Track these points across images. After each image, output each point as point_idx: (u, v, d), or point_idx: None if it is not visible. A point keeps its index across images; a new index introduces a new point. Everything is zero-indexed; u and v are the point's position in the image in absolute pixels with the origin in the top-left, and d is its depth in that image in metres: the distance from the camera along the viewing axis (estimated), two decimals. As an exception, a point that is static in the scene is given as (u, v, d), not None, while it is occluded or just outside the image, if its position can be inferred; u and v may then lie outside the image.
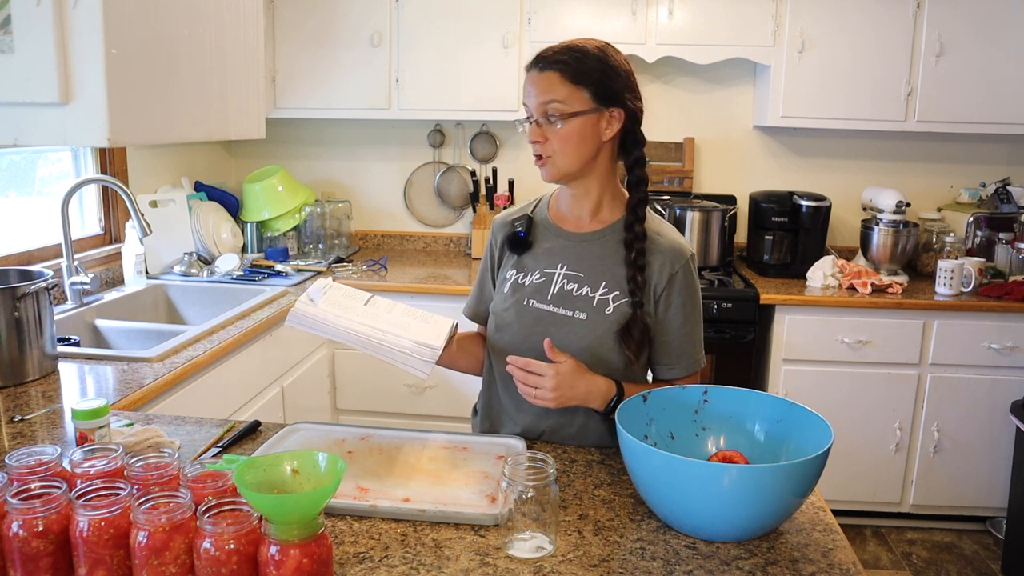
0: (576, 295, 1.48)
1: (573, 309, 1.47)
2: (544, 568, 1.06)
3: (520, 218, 1.58)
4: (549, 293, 1.49)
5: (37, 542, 0.92)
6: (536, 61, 1.44)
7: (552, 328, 1.47)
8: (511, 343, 1.51)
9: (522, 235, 1.54)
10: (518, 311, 1.50)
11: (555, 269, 1.51)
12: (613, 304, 1.46)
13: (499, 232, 1.61)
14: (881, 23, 3.07)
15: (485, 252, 1.65)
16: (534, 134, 1.43)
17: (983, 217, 3.24)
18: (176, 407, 1.91)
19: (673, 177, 3.50)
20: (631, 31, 3.14)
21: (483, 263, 1.65)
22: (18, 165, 2.63)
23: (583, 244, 1.51)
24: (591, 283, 1.48)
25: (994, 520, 3.11)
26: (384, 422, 2.99)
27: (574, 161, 1.44)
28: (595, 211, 1.51)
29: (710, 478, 1.08)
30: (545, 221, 1.57)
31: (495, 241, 1.61)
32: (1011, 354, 2.92)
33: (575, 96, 1.40)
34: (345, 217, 3.58)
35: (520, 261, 1.55)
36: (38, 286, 1.82)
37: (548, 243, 1.54)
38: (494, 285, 1.61)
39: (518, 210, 1.63)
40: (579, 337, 1.45)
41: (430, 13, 3.20)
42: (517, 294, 1.52)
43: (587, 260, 1.50)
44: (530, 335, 1.48)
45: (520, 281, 1.53)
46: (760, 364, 3.07)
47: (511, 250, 1.56)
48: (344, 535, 1.13)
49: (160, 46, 1.72)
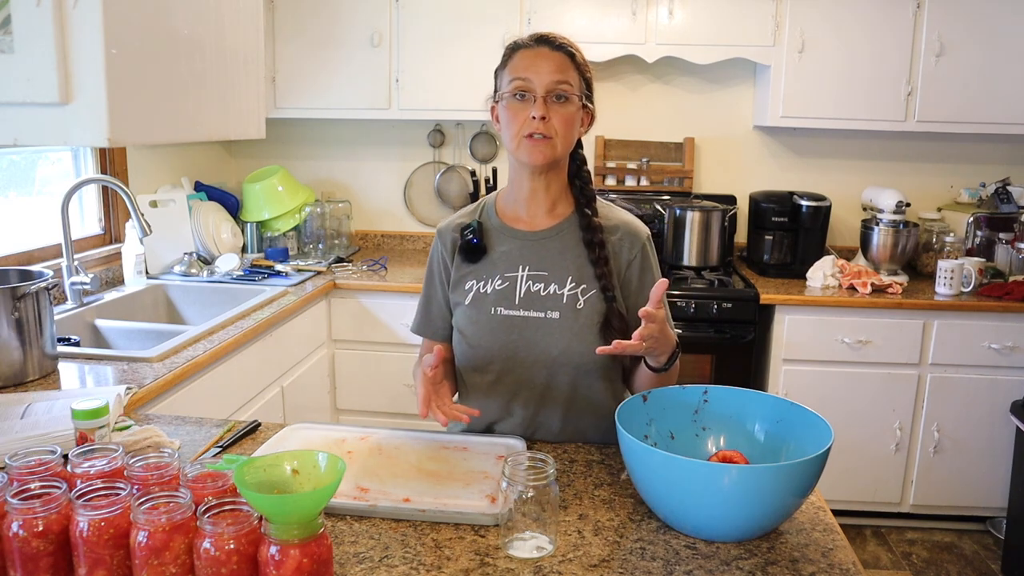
0: (544, 295, 1.45)
1: (544, 310, 1.44)
2: (544, 568, 1.06)
3: (468, 225, 1.51)
4: (516, 297, 1.45)
5: (37, 542, 0.92)
6: (544, 40, 1.42)
7: (527, 332, 1.44)
8: (486, 356, 1.46)
9: (475, 242, 1.48)
10: (487, 321, 1.46)
11: (517, 271, 1.47)
12: (583, 298, 1.44)
13: (447, 241, 1.53)
14: (881, 23, 3.07)
15: (430, 264, 1.57)
16: (541, 109, 1.37)
17: (983, 217, 3.24)
18: (176, 407, 1.91)
19: (673, 177, 3.50)
20: (631, 31, 3.14)
21: (429, 276, 1.57)
22: (18, 165, 2.63)
23: (541, 242, 1.48)
24: (557, 280, 1.46)
25: (994, 520, 3.11)
26: (384, 422, 2.99)
27: (568, 145, 1.43)
28: (551, 207, 1.49)
29: (710, 478, 1.08)
30: (496, 224, 1.51)
31: (444, 251, 1.53)
32: (1011, 354, 2.92)
33: (578, 83, 1.42)
34: (345, 217, 3.58)
35: (477, 269, 1.49)
36: (38, 286, 1.82)
37: (504, 246, 1.49)
38: (445, 299, 1.54)
39: (462, 216, 1.56)
40: (556, 337, 1.43)
41: (430, 13, 3.20)
42: (482, 304, 1.47)
43: (548, 257, 1.47)
44: (506, 344, 1.45)
45: (481, 290, 1.47)
46: (760, 364, 3.07)
47: (466, 259, 1.49)
48: (344, 535, 1.13)
49: (160, 46, 1.72)
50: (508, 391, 1.48)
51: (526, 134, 1.39)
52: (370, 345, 3.09)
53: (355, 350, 3.11)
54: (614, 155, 3.55)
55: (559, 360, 1.44)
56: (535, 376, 1.46)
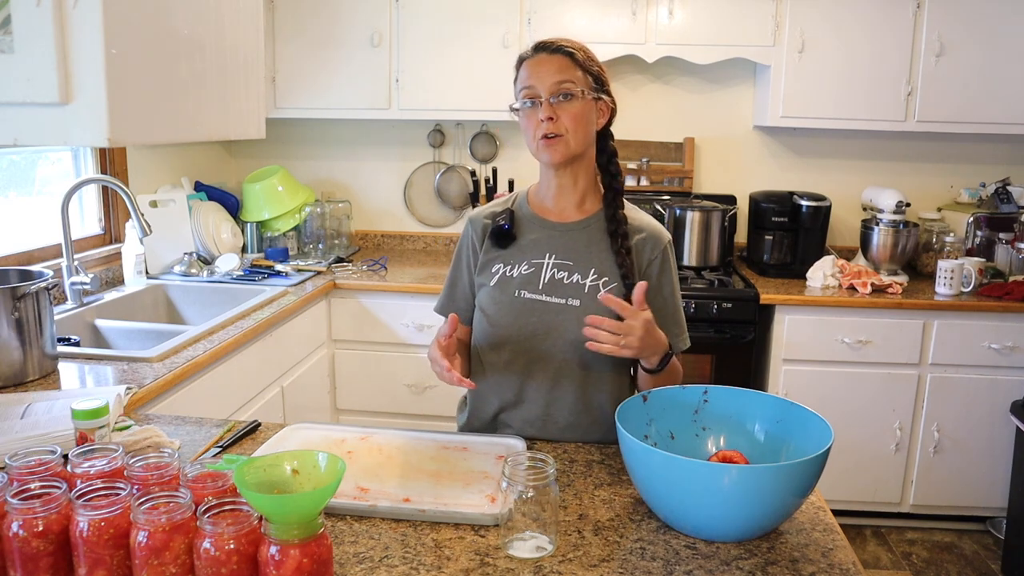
0: (567, 283, 1.50)
1: (565, 297, 1.49)
2: (544, 568, 1.06)
3: (502, 212, 1.58)
4: (540, 283, 1.51)
5: (37, 542, 0.92)
6: (542, 46, 1.49)
7: (546, 316, 1.49)
8: (505, 336, 1.51)
9: (507, 227, 1.54)
10: (510, 303, 1.51)
11: (543, 259, 1.52)
12: (604, 289, 1.48)
13: (477, 227, 1.60)
14: (881, 23, 3.07)
15: (459, 249, 1.63)
16: (547, 110, 1.44)
17: (983, 217, 3.24)
18: (176, 407, 1.91)
19: (673, 177, 3.50)
20: (631, 31, 3.14)
21: (457, 259, 1.63)
22: (18, 165, 2.63)
23: (569, 233, 1.54)
24: (580, 270, 1.50)
25: (994, 520, 3.11)
26: (384, 422, 2.99)
27: (582, 141, 1.47)
28: (580, 202, 1.55)
29: (710, 478, 1.08)
30: (528, 214, 1.58)
31: (474, 236, 1.60)
32: (1011, 354, 2.92)
33: (582, 80, 1.47)
34: (345, 217, 3.58)
35: (506, 254, 1.55)
36: (38, 286, 1.82)
37: (533, 234, 1.55)
38: (470, 282, 1.60)
39: (495, 204, 1.63)
40: (573, 323, 1.46)
41: (430, 13, 3.20)
42: (507, 286, 1.52)
43: (574, 249, 1.52)
44: (525, 325, 1.50)
45: (508, 273, 1.53)
46: (760, 364, 3.07)
47: (496, 244, 1.56)
48: (344, 535, 1.13)
49: (160, 46, 1.72)
50: (522, 371, 1.52)
51: (540, 136, 1.46)
52: (370, 345, 3.09)
53: (355, 350, 3.11)
54: (614, 155, 3.54)
55: (574, 345, 1.47)
56: (549, 359, 1.50)
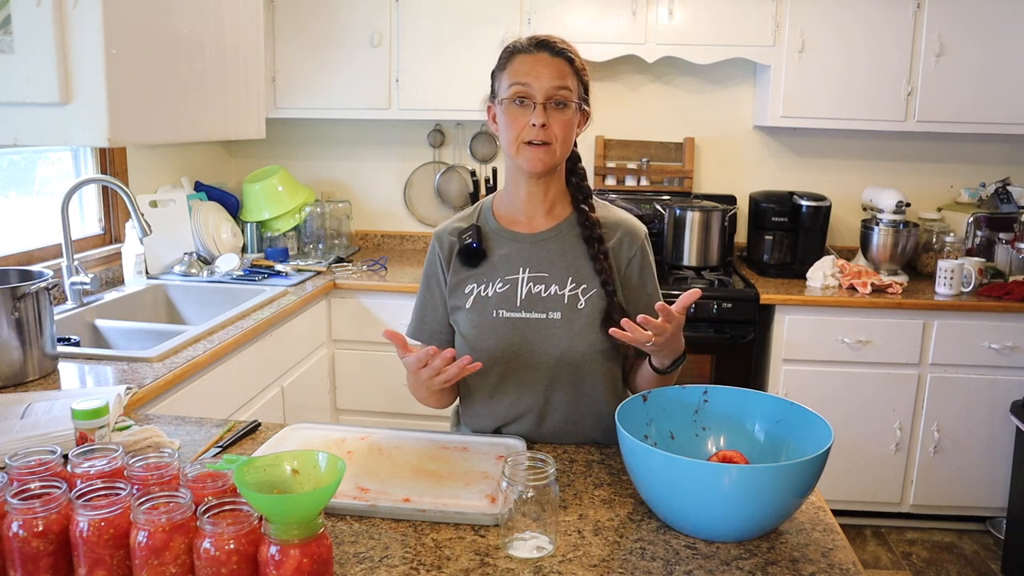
0: (545, 296, 1.45)
1: (546, 311, 1.45)
2: (544, 568, 1.06)
3: (467, 229, 1.50)
4: (517, 299, 1.46)
5: (37, 542, 0.92)
6: (544, 44, 1.41)
7: (528, 333, 1.45)
8: (489, 358, 1.45)
9: (475, 246, 1.47)
10: (490, 324, 1.45)
11: (517, 274, 1.47)
12: (584, 298, 1.45)
13: (444, 245, 1.52)
14: (881, 23, 3.07)
15: (427, 269, 1.55)
16: (541, 116, 1.37)
17: (983, 217, 3.24)
18: (176, 407, 1.91)
19: (673, 177, 3.50)
20: (631, 31, 3.14)
21: (426, 280, 1.55)
22: (18, 165, 2.63)
23: (541, 243, 1.49)
24: (558, 281, 1.46)
25: (994, 520, 3.11)
26: (384, 422, 2.99)
27: (567, 150, 1.44)
28: (550, 209, 1.50)
29: (710, 478, 1.08)
30: (495, 228, 1.51)
31: (441, 255, 1.52)
32: (1011, 354, 2.92)
33: (576, 88, 1.42)
34: (345, 217, 3.58)
35: (477, 273, 1.49)
36: (38, 286, 1.82)
37: (503, 249, 1.49)
38: (442, 302, 1.52)
39: (459, 220, 1.55)
40: (558, 337, 1.44)
41: (430, 13, 3.20)
42: (484, 307, 1.47)
43: (548, 259, 1.47)
44: (509, 346, 1.45)
45: (483, 293, 1.47)
46: (760, 364, 3.07)
47: (465, 264, 1.48)
48: (344, 535, 1.13)
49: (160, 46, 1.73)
50: (512, 393, 1.48)
51: (525, 140, 1.39)
52: (370, 345, 3.09)
53: (355, 350, 3.11)
54: (614, 155, 3.55)
55: (561, 360, 1.44)
56: (538, 377, 1.46)
